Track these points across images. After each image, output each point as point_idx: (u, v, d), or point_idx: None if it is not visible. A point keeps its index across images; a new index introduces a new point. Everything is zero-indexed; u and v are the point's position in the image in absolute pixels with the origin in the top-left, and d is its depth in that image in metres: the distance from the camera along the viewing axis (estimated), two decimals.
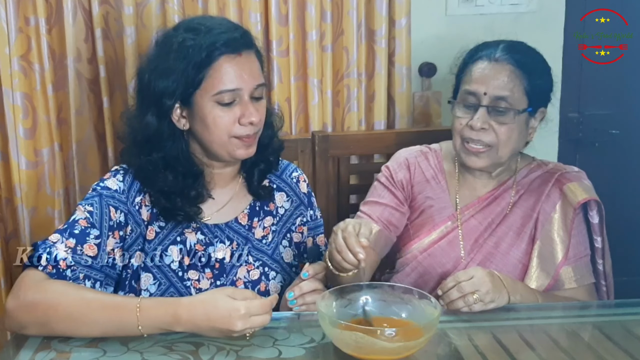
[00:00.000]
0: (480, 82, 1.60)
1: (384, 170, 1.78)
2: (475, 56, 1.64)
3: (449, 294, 1.43)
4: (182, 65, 1.40)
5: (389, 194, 1.74)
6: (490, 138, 1.60)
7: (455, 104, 1.65)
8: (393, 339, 1.21)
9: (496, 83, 1.58)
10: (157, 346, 1.28)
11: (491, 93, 1.58)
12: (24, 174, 2.01)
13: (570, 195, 1.64)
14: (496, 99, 1.58)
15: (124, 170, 1.50)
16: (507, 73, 1.59)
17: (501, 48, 1.62)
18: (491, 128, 1.59)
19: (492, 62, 1.60)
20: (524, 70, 1.59)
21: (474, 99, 1.61)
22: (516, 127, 1.60)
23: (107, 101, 2.01)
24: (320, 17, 2.06)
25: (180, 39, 1.42)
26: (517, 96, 1.58)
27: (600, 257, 1.67)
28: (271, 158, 1.60)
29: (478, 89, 1.60)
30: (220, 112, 1.43)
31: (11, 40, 1.93)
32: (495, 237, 1.66)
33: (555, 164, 1.75)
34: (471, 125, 1.60)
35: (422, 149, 1.80)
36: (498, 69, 1.59)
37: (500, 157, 1.63)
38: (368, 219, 1.71)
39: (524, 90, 1.59)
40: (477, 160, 1.63)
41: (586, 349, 1.35)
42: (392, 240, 1.74)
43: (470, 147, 1.62)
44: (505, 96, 1.58)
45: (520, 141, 1.64)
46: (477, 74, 1.61)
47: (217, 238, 1.52)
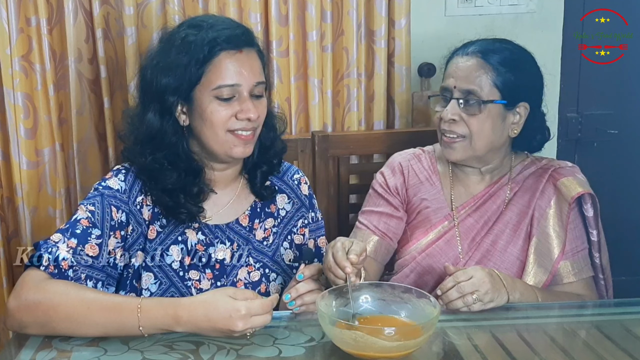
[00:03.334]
0: (452, 76, 1.65)
1: (378, 178, 1.79)
2: (454, 53, 1.68)
3: (448, 294, 1.43)
4: (184, 60, 1.41)
5: (385, 202, 1.75)
6: (462, 129, 1.63)
7: (432, 98, 1.68)
8: (392, 338, 1.22)
9: (464, 76, 1.62)
10: (157, 345, 1.28)
11: (460, 86, 1.62)
12: (25, 173, 2.01)
13: (564, 190, 1.65)
14: (466, 92, 1.62)
15: (126, 170, 1.51)
16: (474, 66, 1.62)
17: (477, 44, 1.66)
18: (462, 120, 1.63)
19: (463, 56, 1.65)
20: (491, 63, 1.61)
21: (448, 93, 1.65)
22: (488, 119, 1.62)
23: (108, 101, 2.02)
24: (320, 17, 2.07)
25: (183, 35, 1.43)
26: (485, 89, 1.61)
27: (597, 251, 1.67)
28: (274, 160, 1.60)
29: (449, 83, 1.65)
30: (219, 106, 1.43)
31: (12, 40, 1.94)
32: (492, 234, 1.67)
33: (549, 160, 1.76)
34: (442, 117, 1.65)
35: (415, 152, 1.81)
36: (467, 63, 1.63)
37: (476, 150, 1.64)
38: (367, 230, 1.73)
39: (492, 82, 1.61)
40: (453, 151, 1.66)
41: (585, 348, 1.35)
42: (392, 247, 1.75)
43: (445, 138, 1.66)
44: (472, 89, 1.61)
45: (496, 135, 1.64)
46: (450, 69, 1.67)
47: (217, 239, 1.53)
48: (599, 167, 2.25)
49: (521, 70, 1.64)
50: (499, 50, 1.64)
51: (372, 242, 1.72)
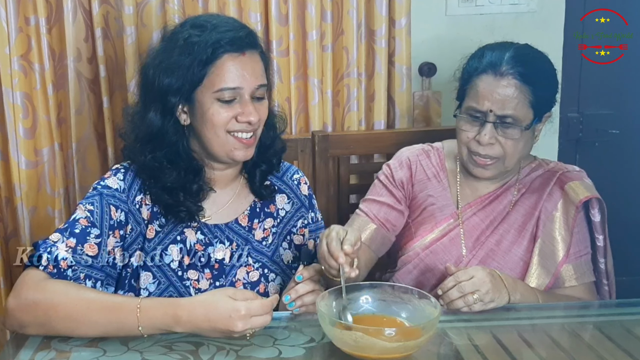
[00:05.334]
0: (486, 99, 1.58)
1: (384, 169, 1.79)
2: (479, 67, 1.61)
3: (449, 294, 1.43)
4: (187, 61, 1.41)
5: (388, 193, 1.75)
6: (497, 151, 1.61)
7: (459, 117, 1.64)
8: (393, 339, 1.22)
9: (501, 100, 1.57)
10: (157, 346, 1.28)
11: (497, 111, 1.58)
12: (24, 173, 2.01)
13: (571, 194, 1.64)
14: (502, 117, 1.58)
15: (125, 169, 1.51)
16: (513, 90, 1.57)
17: (506, 59, 1.58)
18: (498, 142, 1.60)
19: (497, 76, 1.57)
20: (529, 84, 1.57)
21: (481, 115, 1.60)
22: (522, 139, 1.60)
23: (107, 101, 2.01)
24: (321, 17, 2.06)
25: (186, 35, 1.43)
26: (522, 111, 1.58)
27: (602, 256, 1.67)
28: (273, 160, 1.60)
29: (483, 106, 1.59)
30: (220, 108, 1.43)
31: (11, 39, 1.93)
32: (497, 235, 1.67)
33: (556, 164, 1.75)
34: (479, 141, 1.60)
35: (424, 148, 1.80)
36: (504, 85, 1.57)
37: (507, 167, 1.64)
38: (365, 217, 1.73)
39: (530, 104, 1.58)
40: (485, 171, 1.65)
41: (586, 348, 1.35)
42: (389, 239, 1.75)
43: (478, 159, 1.63)
44: (512, 114, 1.57)
45: (527, 149, 1.66)
46: (482, 90, 1.59)
47: (216, 238, 1.52)
48: (599, 167, 2.25)
49: (550, 82, 1.63)
50: (530, 64, 1.58)
51: (369, 230, 1.71)
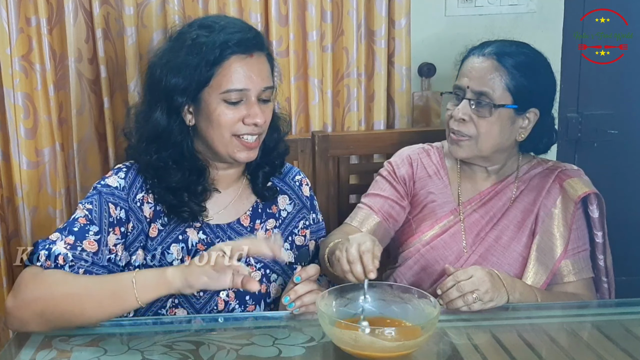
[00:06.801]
0: (466, 76, 1.65)
1: (386, 165, 1.81)
2: (470, 52, 1.68)
3: (448, 294, 1.43)
4: (194, 61, 1.41)
5: (390, 188, 1.77)
6: (471, 130, 1.64)
7: (444, 95, 1.69)
8: (392, 338, 1.22)
9: (478, 77, 1.63)
10: (157, 345, 1.28)
11: (473, 87, 1.63)
12: (25, 173, 2.01)
13: (570, 190, 1.66)
14: (478, 93, 1.62)
15: (127, 168, 1.51)
16: (489, 68, 1.62)
17: (495, 45, 1.65)
18: (472, 120, 1.63)
19: (479, 57, 1.65)
20: (506, 66, 1.61)
21: (461, 92, 1.65)
22: (497, 122, 1.62)
23: (108, 101, 2.02)
24: (321, 17, 2.07)
25: (194, 35, 1.43)
26: (498, 92, 1.61)
27: (601, 253, 1.68)
28: (276, 161, 1.61)
29: (463, 83, 1.65)
30: (226, 109, 1.43)
31: (12, 40, 1.93)
32: (497, 230, 1.68)
33: (555, 162, 1.78)
34: (452, 116, 1.65)
35: (424, 147, 1.83)
36: (482, 64, 1.63)
37: (481, 150, 1.66)
38: (369, 210, 1.74)
39: (505, 86, 1.61)
40: (459, 149, 1.68)
41: (585, 348, 1.35)
42: (389, 234, 1.77)
43: (453, 136, 1.67)
44: (485, 91, 1.61)
45: (503, 137, 1.65)
46: (465, 68, 1.67)
47: (218, 238, 1.53)
48: (599, 167, 2.24)
49: (535, 75, 1.64)
50: (515, 54, 1.63)
51: (373, 223, 1.73)
